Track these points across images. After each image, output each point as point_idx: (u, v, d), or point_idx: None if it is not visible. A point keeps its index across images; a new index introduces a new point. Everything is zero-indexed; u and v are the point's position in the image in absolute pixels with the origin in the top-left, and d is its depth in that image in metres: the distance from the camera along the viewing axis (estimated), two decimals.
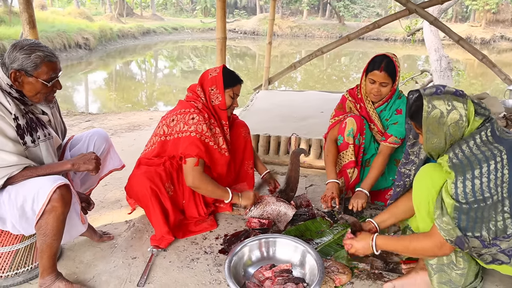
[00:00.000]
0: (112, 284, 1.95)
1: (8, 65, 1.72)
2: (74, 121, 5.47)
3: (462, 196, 1.50)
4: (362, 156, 2.70)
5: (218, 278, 2.02)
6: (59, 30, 15.99)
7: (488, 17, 29.44)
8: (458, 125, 1.58)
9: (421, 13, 5.16)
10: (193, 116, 2.35)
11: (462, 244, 1.54)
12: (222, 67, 2.48)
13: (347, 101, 2.79)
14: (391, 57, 2.51)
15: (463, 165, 1.51)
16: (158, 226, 2.29)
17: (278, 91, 7.38)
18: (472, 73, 15.49)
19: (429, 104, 1.60)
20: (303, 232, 2.44)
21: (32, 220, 1.74)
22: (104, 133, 2.27)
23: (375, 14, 35.55)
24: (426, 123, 1.62)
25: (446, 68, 8.54)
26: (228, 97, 2.45)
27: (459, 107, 1.58)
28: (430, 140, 1.64)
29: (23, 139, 1.76)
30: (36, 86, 1.77)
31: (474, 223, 1.52)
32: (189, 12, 41.54)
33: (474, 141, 1.55)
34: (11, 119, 1.72)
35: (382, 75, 2.49)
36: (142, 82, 13.23)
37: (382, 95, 2.57)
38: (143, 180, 2.27)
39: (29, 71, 1.73)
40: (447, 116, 1.58)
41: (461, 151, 1.55)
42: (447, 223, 1.55)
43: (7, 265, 1.90)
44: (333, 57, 19.87)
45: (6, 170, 1.70)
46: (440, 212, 1.57)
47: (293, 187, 2.68)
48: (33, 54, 1.72)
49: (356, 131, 2.61)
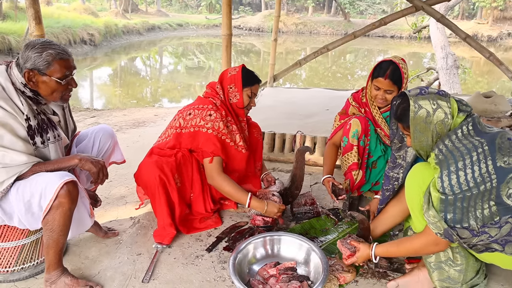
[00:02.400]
0: (117, 280, 1.96)
1: (22, 65, 1.73)
2: (79, 117, 5.49)
3: (449, 189, 1.55)
4: (368, 158, 2.68)
5: (222, 275, 2.02)
6: (65, 26, 16.02)
7: (495, 14, 29.17)
8: (444, 123, 1.65)
9: (428, 10, 5.12)
10: (210, 113, 2.37)
11: (450, 236, 1.58)
12: (241, 67, 2.51)
13: (351, 107, 2.75)
14: (398, 64, 2.43)
15: (447, 159, 1.57)
16: (161, 216, 2.29)
17: (283, 88, 7.35)
18: (478, 71, 15.40)
19: (415, 104, 1.67)
20: (307, 230, 2.44)
21: (38, 215, 1.75)
22: (110, 129, 2.28)
23: (381, 11, 35.39)
24: (414, 123, 1.68)
25: (452, 66, 8.49)
26: (245, 96, 2.47)
27: (443, 105, 1.65)
28: (418, 139, 1.70)
29: (33, 139, 1.77)
30: (50, 85, 1.77)
31: (461, 214, 1.55)
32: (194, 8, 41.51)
33: (456, 135, 1.61)
34: (22, 119, 1.73)
35: (387, 83, 2.43)
36: (147, 78, 13.25)
37: (388, 101, 2.51)
38: (153, 168, 2.27)
39: (42, 70, 1.73)
40: (433, 114, 1.65)
41: (444, 146, 1.61)
42: (434, 216, 1.60)
43: (13, 259, 1.91)
44: (338, 54, 19.79)
45: (16, 168, 1.71)
46: (427, 207, 1.62)
47: (298, 185, 2.68)
48: (44, 52, 1.72)
49: (361, 133, 2.58)
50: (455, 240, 1.59)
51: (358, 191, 2.73)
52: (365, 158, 2.66)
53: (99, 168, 1.89)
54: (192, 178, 2.44)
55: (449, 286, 1.77)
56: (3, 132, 1.67)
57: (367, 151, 2.65)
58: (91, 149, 2.18)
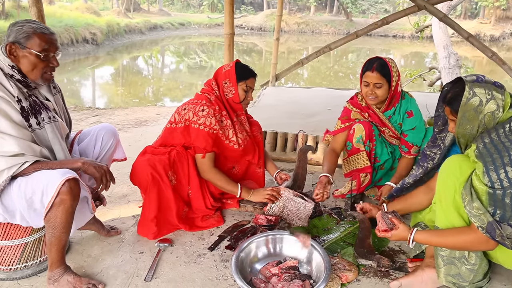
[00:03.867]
0: (120, 278, 1.97)
1: (5, 42, 1.77)
2: (81, 116, 5.49)
3: (498, 183, 1.49)
4: (374, 162, 2.67)
5: (225, 274, 2.02)
6: (67, 25, 16.05)
7: (498, 14, 29.08)
8: (493, 115, 1.60)
9: (431, 9, 5.11)
10: (203, 108, 2.38)
11: (493, 230, 1.52)
12: (235, 62, 2.51)
13: (352, 112, 2.72)
14: (384, 59, 2.47)
15: (491, 153, 1.52)
16: (146, 210, 2.29)
17: (285, 88, 7.35)
18: (480, 71, 15.34)
19: (471, 90, 1.61)
20: (309, 229, 2.44)
21: (40, 212, 1.75)
22: (113, 128, 2.28)
23: (383, 11, 35.32)
24: (463, 109, 1.63)
25: (454, 66, 8.47)
26: (241, 90, 2.48)
27: (497, 97, 1.60)
28: (463, 126, 1.65)
29: (28, 121, 1.77)
30: (30, 59, 1.78)
31: (511, 211, 1.49)
32: (196, 8, 41.52)
33: (504, 129, 1.56)
34: (15, 102, 1.73)
35: (375, 76, 2.44)
36: (149, 77, 13.25)
37: (378, 97, 2.51)
38: (145, 167, 2.27)
39: (22, 43, 1.76)
40: (485, 105, 1.60)
41: (490, 139, 1.55)
42: (478, 208, 1.54)
43: (16, 258, 1.92)
44: (340, 54, 19.77)
45: (16, 159, 1.70)
46: (470, 198, 1.56)
47: (300, 184, 2.68)
48: (25, 25, 1.78)
49: (365, 138, 2.57)
50: (498, 236, 1.52)
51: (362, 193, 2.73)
52: (371, 163, 2.65)
53: (101, 173, 1.89)
54: (188, 174, 2.43)
55: (456, 283, 1.76)
56: None
57: (373, 155, 2.65)
58: (94, 147, 2.18)
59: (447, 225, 1.74)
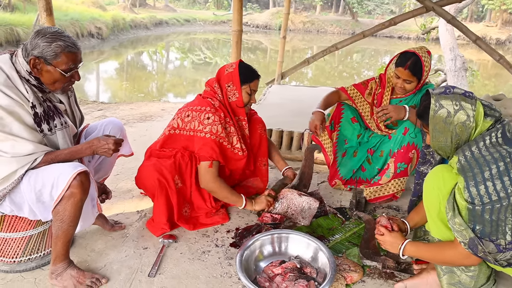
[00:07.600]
0: (123, 273, 1.96)
1: (29, 51, 1.72)
2: (86, 110, 5.49)
3: (478, 199, 1.49)
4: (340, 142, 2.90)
5: (229, 271, 2.01)
6: (73, 19, 16.02)
7: (505, 17, 28.92)
8: (464, 125, 1.59)
9: (439, 11, 5.07)
10: (208, 116, 2.33)
11: (475, 246, 1.52)
12: (238, 62, 2.46)
13: (373, 81, 2.88)
14: (420, 56, 2.52)
15: (472, 167, 1.51)
16: (158, 217, 2.31)
17: (291, 86, 7.33)
18: (486, 74, 15.27)
19: (437, 103, 1.63)
20: (314, 228, 2.43)
21: (49, 205, 1.75)
22: (119, 122, 2.27)
23: (389, 11, 35.19)
24: (433, 122, 1.64)
25: (460, 68, 8.42)
26: (245, 94, 2.43)
27: (467, 107, 1.59)
28: (436, 139, 1.66)
29: (40, 127, 1.77)
30: (54, 75, 1.76)
31: (490, 227, 1.49)
32: (201, 4, 41.43)
33: (484, 142, 1.55)
34: (29, 107, 1.72)
35: (406, 73, 2.54)
36: (153, 73, 13.24)
37: (407, 90, 2.64)
38: (152, 172, 2.28)
39: (48, 60, 1.72)
40: (454, 116, 1.60)
41: (470, 152, 1.55)
42: (460, 224, 1.54)
43: (21, 250, 1.91)
44: (345, 53, 19.69)
45: (27, 158, 1.71)
46: (452, 214, 1.56)
47: (306, 183, 2.67)
48: (54, 43, 1.71)
49: (331, 118, 2.90)
50: (480, 252, 1.52)
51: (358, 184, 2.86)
52: (336, 138, 2.88)
53: (113, 145, 1.89)
54: (191, 176, 2.41)
55: None
56: (10, 120, 1.66)
57: (337, 134, 2.87)
58: None
59: (438, 234, 1.75)
